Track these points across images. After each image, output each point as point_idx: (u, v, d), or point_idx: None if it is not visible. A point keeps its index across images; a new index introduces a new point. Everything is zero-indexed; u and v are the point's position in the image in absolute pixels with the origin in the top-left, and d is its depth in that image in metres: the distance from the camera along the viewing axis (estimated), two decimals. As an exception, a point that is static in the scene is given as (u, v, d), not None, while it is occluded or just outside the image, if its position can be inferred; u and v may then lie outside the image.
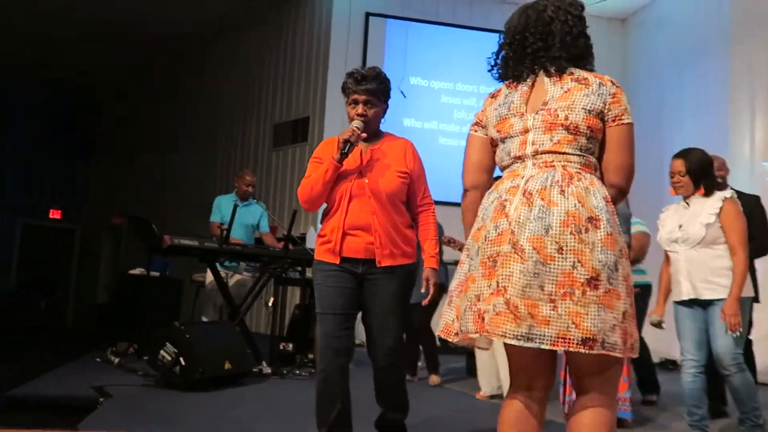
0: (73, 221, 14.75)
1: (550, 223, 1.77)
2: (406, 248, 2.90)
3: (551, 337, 1.72)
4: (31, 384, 4.54)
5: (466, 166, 2.11)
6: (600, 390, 1.85)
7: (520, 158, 1.92)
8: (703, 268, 3.43)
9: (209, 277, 5.76)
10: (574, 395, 3.47)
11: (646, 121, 8.51)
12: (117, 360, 5.43)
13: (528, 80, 1.98)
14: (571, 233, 1.75)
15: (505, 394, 4.49)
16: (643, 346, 4.61)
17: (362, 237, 2.83)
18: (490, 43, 2.24)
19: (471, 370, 5.92)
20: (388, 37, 8.76)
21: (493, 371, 4.74)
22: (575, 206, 1.77)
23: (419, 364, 5.72)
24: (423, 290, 2.89)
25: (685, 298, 3.48)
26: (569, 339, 1.71)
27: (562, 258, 1.74)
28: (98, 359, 5.60)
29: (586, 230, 1.76)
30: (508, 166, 1.96)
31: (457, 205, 2.20)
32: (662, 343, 5.87)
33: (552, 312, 1.72)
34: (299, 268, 6.06)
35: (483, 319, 1.80)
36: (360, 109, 2.89)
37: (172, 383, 4.44)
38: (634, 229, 4.62)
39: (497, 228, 1.84)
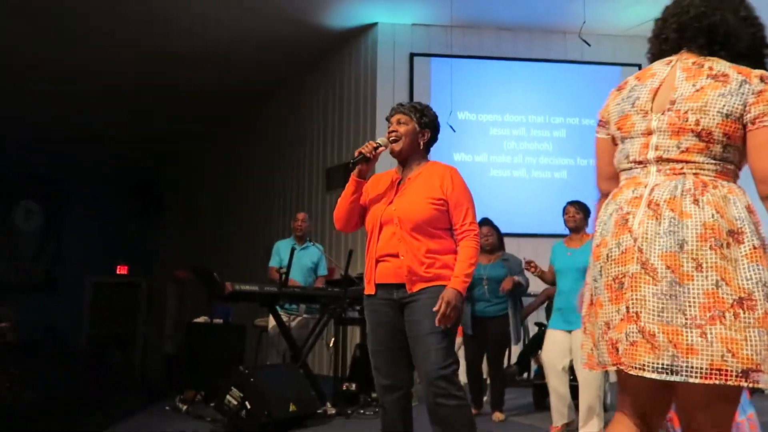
0: (140, 275, 15.23)
1: (684, 237, 1.53)
2: (444, 272, 2.74)
3: (702, 369, 1.47)
4: (104, 434, 4.66)
5: (598, 172, 1.91)
6: (712, 426, 1.57)
7: (640, 163, 1.69)
8: None
9: (271, 321, 5.84)
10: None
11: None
12: (185, 407, 5.51)
13: (661, 74, 1.73)
14: (710, 248, 1.51)
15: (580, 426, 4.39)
16: None
17: (392, 263, 2.77)
18: (536, 72, 2.20)
19: (539, 404, 5.79)
20: (433, 75, 8.86)
21: (566, 401, 4.62)
22: (713, 217, 1.53)
23: (484, 398, 5.62)
24: (435, 308, 2.64)
25: None
26: (726, 371, 1.46)
27: (702, 276, 1.50)
28: (167, 408, 5.70)
29: (728, 245, 1.51)
30: (626, 170, 1.74)
31: (513, 235, 2.17)
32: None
33: (699, 339, 1.48)
34: (358, 307, 6.07)
35: (617, 349, 1.59)
36: (392, 127, 2.91)
37: (239, 427, 4.49)
38: None
39: (620, 245, 1.62)
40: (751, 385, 1.47)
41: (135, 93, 11.27)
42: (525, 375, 7.13)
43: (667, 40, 1.77)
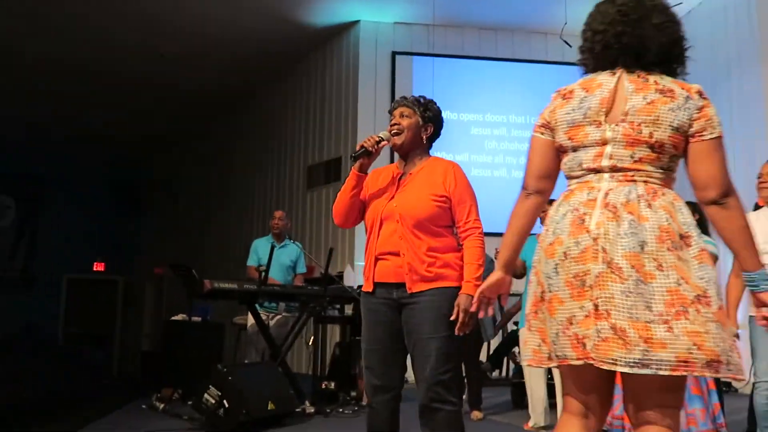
0: (117, 272, 15.08)
1: (644, 239, 1.64)
2: (445, 272, 2.66)
3: (671, 361, 1.57)
4: (80, 433, 4.60)
5: (528, 170, 1.94)
6: (665, 407, 1.68)
7: (594, 170, 1.78)
8: None
9: (250, 319, 5.81)
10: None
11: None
12: (162, 406, 5.46)
13: (609, 84, 1.80)
14: (668, 249, 1.63)
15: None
16: None
17: (392, 261, 2.67)
18: (517, 73, 2.22)
19: (517, 402, 5.82)
20: (415, 74, 8.87)
21: (543, 402, 4.65)
22: (667, 221, 1.66)
23: (463, 397, 5.64)
24: (453, 317, 2.56)
25: None
26: (692, 362, 1.57)
27: (664, 275, 1.62)
28: (144, 406, 5.64)
29: (681, 247, 1.64)
30: (578, 177, 1.82)
31: (495, 234, 2.14)
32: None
33: (667, 334, 1.58)
34: (338, 306, 6.07)
35: (584, 345, 1.66)
36: (395, 119, 2.82)
37: (217, 426, 4.45)
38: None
39: (579, 244, 1.70)
40: (712, 375, 1.58)
41: (115, 90, 11.15)
42: (500, 373, 7.17)
43: (598, 56, 1.86)
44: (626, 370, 1.60)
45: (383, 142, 2.82)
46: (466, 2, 8.50)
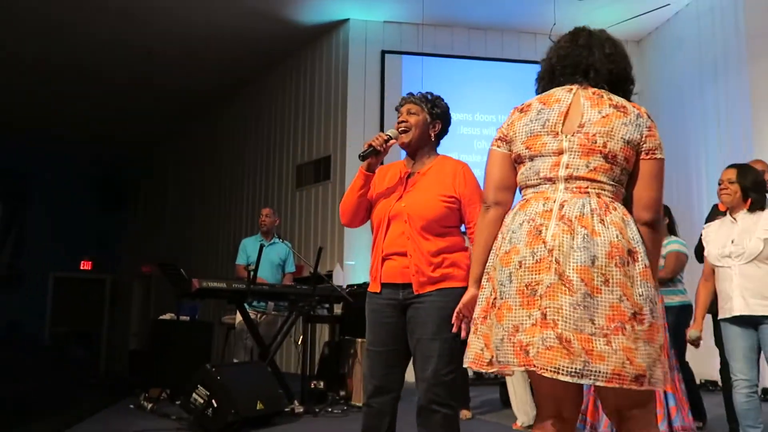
0: (104, 271, 15.00)
1: (595, 253, 1.70)
2: (452, 272, 2.62)
3: (606, 373, 1.65)
4: (67, 433, 4.57)
5: (487, 183, 2.00)
6: (639, 422, 1.80)
7: (550, 180, 1.83)
8: (758, 284, 3.35)
9: (239, 318, 5.80)
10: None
11: (671, 139, 8.48)
12: (150, 405, 5.43)
13: (566, 100, 1.89)
14: (616, 265, 1.70)
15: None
16: (688, 371, 4.51)
17: (399, 261, 2.64)
18: (506, 72, 2.26)
19: (505, 401, 5.84)
20: (404, 73, 8.87)
21: (527, 401, 4.67)
22: (618, 237, 1.72)
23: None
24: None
25: (736, 314, 3.38)
26: (624, 376, 1.65)
27: (609, 290, 1.68)
28: (132, 406, 5.61)
29: (628, 263, 1.71)
30: (534, 186, 1.87)
31: None
32: (701, 364, 5.74)
33: (606, 347, 1.66)
34: (327, 305, 6.06)
35: (527, 352, 1.71)
36: (402, 117, 2.77)
37: (206, 426, 4.43)
38: (669, 248, 4.57)
39: (534, 254, 1.75)
40: (637, 388, 1.67)
41: (102, 88, 11.07)
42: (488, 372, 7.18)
43: (555, 77, 1.98)
44: (567, 379, 1.66)
45: (392, 141, 2.77)
46: (456, 2, 8.52)
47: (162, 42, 9.36)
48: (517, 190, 2.00)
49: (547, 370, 1.67)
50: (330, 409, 5.38)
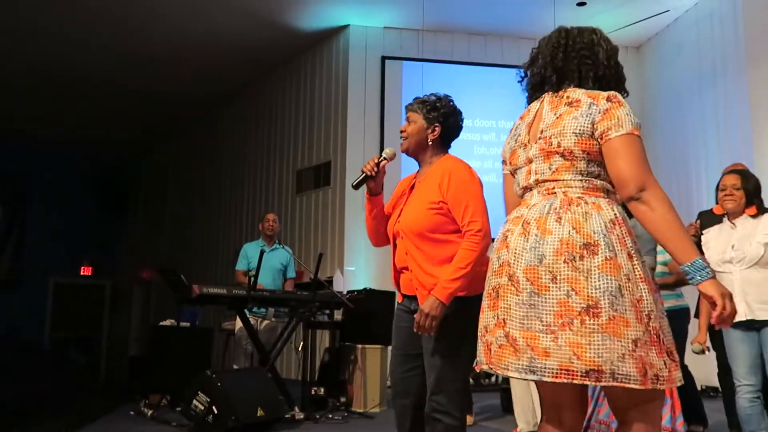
0: (104, 276, 14.98)
1: (543, 252, 1.74)
2: None
3: (553, 369, 1.67)
4: (67, 439, 4.56)
5: (505, 205, 2.10)
6: (640, 424, 1.77)
7: (527, 188, 1.92)
8: (760, 289, 3.36)
9: (239, 324, 5.79)
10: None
11: (671, 144, 8.50)
12: (150, 412, 5.43)
13: (534, 110, 1.97)
14: (564, 261, 1.71)
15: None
16: (687, 375, 4.47)
17: (407, 275, 2.68)
18: (506, 78, 2.31)
19: (506, 407, 5.83)
20: (404, 79, 8.89)
21: (528, 407, 4.66)
22: (569, 233, 1.73)
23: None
24: (416, 322, 2.51)
25: (740, 319, 3.37)
26: (572, 371, 1.66)
27: (557, 287, 1.70)
28: (132, 412, 5.60)
29: (581, 257, 1.70)
30: (520, 197, 1.97)
31: None
32: (702, 370, 5.73)
33: (551, 343, 1.68)
34: (327, 312, 6.05)
35: (491, 351, 1.81)
36: (403, 126, 2.78)
37: (206, 432, 4.43)
38: None
39: (499, 259, 1.85)
40: (593, 383, 1.64)
41: (103, 91, 11.09)
42: (492, 379, 7.18)
43: (532, 87, 2.03)
44: (516, 375, 1.72)
45: (383, 161, 2.74)
46: (456, 8, 8.53)
47: (162, 47, 9.37)
48: None
49: (499, 367, 1.76)
50: (330, 416, 5.38)
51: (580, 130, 1.81)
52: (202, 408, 4.46)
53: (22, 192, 14.75)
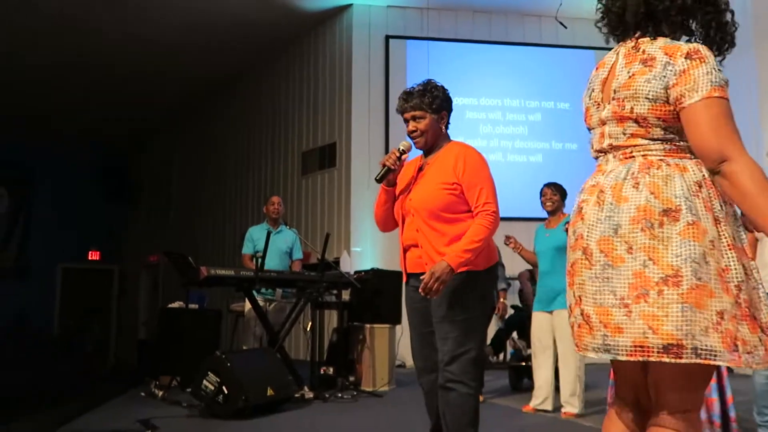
0: (112, 261, 15.04)
1: (619, 222, 1.59)
2: None
3: (626, 346, 1.53)
4: (80, 420, 4.61)
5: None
6: (677, 408, 1.57)
7: (601, 152, 1.76)
8: None
9: (247, 305, 5.81)
10: None
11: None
12: (161, 393, 5.47)
13: (609, 62, 1.77)
14: (641, 230, 1.56)
15: (565, 408, 4.42)
16: None
17: (414, 252, 2.78)
18: (511, 56, 2.21)
19: (515, 385, 5.85)
20: (409, 58, 8.83)
21: (549, 384, 4.66)
22: (646, 199, 1.57)
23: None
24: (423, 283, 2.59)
25: None
26: (647, 347, 1.50)
27: (632, 258, 1.56)
28: (143, 394, 5.65)
29: (660, 224, 1.55)
30: (595, 159, 1.81)
31: None
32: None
33: (624, 318, 1.53)
34: (335, 292, 6.06)
35: (574, 331, 1.71)
36: (410, 126, 2.83)
37: (216, 412, 4.46)
38: None
39: (575, 233, 1.72)
40: (673, 360, 1.48)
41: (107, 78, 11.05)
42: (500, 357, 7.20)
43: (609, 26, 1.81)
44: (593, 355, 1.61)
45: (405, 155, 2.85)
46: (460, -15, 8.45)
47: (164, 30, 9.32)
48: None
49: (580, 348, 1.65)
50: (340, 395, 5.40)
51: (653, 95, 1.62)
52: (213, 388, 4.49)
53: (28, 180, 14.78)
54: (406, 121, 2.85)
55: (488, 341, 6.33)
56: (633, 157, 1.65)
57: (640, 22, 1.71)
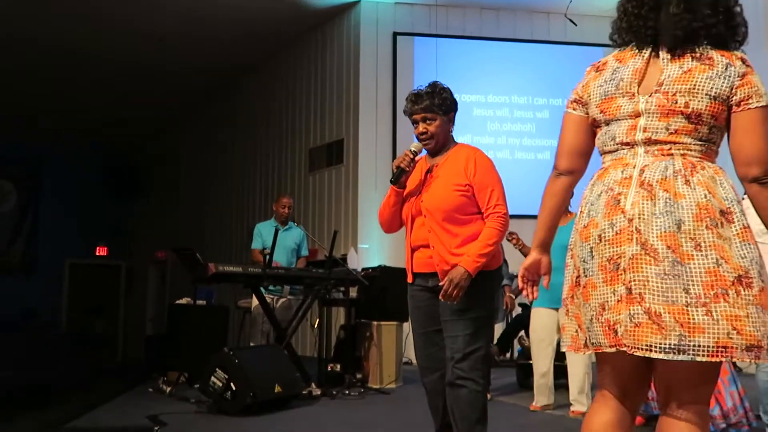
0: (119, 257, 15.09)
1: (681, 217, 1.55)
2: None
3: (708, 347, 1.50)
4: (88, 416, 4.62)
5: (560, 148, 1.87)
6: (693, 404, 1.60)
7: (628, 144, 1.69)
8: None
9: (255, 302, 5.82)
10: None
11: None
12: (169, 389, 5.49)
13: (645, 53, 1.72)
14: (707, 227, 1.54)
15: (574, 407, 4.42)
16: None
17: (424, 252, 2.81)
18: (519, 53, 2.17)
19: (522, 383, 5.84)
20: (416, 55, 8.80)
21: (548, 382, 4.66)
22: (706, 198, 1.56)
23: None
24: (442, 288, 2.65)
25: None
26: (731, 347, 1.50)
27: (702, 255, 1.53)
28: (150, 390, 5.66)
29: (721, 224, 1.55)
30: (611, 152, 1.74)
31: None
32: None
33: (705, 318, 1.51)
34: (342, 289, 6.07)
35: (615, 331, 1.60)
36: (420, 128, 2.85)
37: (224, 409, 4.47)
38: None
39: (614, 226, 1.63)
40: (755, 361, 1.51)
41: (113, 73, 11.05)
42: (507, 355, 7.19)
43: (635, 35, 1.75)
44: (662, 356, 1.54)
45: (419, 156, 2.90)
46: (468, -18, 8.42)
47: (172, 26, 9.32)
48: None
49: (638, 348, 1.56)
50: (347, 392, 5.41)
51: (716, 92, 1.61)
52: (221, 385, 4.50)
53: (36, 176, 14.83)
54: (415, 122, 2.87)
55: (495, 340, 6.32)
56: (671, 154, 1.63)
57: (679, 38, 1.67)
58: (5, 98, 11.92)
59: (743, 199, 1.65)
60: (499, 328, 6.57)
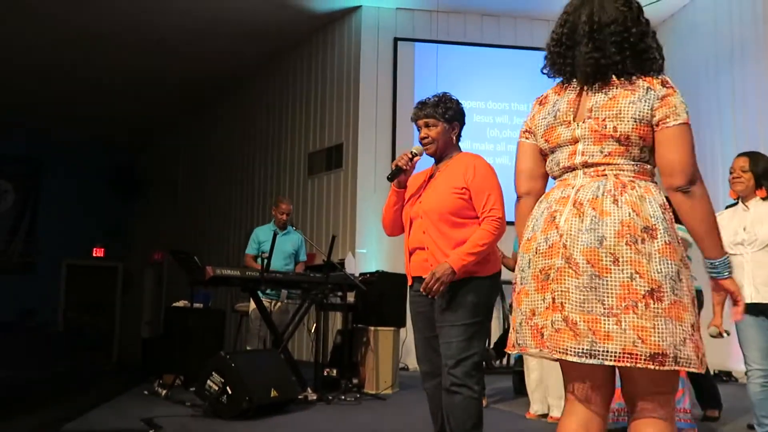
0: (116, 258, 15.07)
1: (603, 234, 1.70)
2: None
3: (615, 353, 1.66)
4: (83, 419, 4.61)
5: (517, 174, 2.04)
6: (658, 407, 1.76)
7: (569, 168, 1.86)
8: None
9: (252, 306, 5.81)
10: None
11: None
12: (164, 392, 5.47)
13: (574, 85, 1.89)
14: (626, 243, 1.69)
15: (552, 412, 4.42)
16: None
17: (420, 255, 2.85)
18: (519, 60, 2.23)
19: (519, 389, 5.83)
20: (417, 61, 8.81)
21: (542, 389, 4.66)
22: (629, 215, 1.71)
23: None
24: (426, 279, 2.70)
25: (748, 301, 3.31)
26: (636, 354, 1.65)
27: (619, 270, 1.68)
28: (146, 392, 5.65)
29: (642, 240, 1.69)
30: (558, 176, 1.91)
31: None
32: (716, 354, 5.70)
33: (615, 327, 1.66)
34: (340, 293, 6.06)
35: (542, 334, 1.77)
36: (422, 132, 2.93)
37: (220, 412, 4.46)
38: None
39: (547, 240, 1.79)
40: (657, 367, 1.65)
41: (114, 76, 11.07)
42: (501, 362, 7.18)
43: (561, 70, 1.94)
44: (575, 359, 1.69)
45: (417, 157, 2.95)
46: (469, -12, 8.44)
47: (173, 29, 9.34)
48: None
49: (557, 351, 1.72)
50: (343, 397, 5.40)
51: (639, 115, 1.77)
52: (216, 388, 4.49)
53: (34, 175, 14.82)
54: (419, 128, 2.95)
55: (491, 344, 6.32)
56: (605, 175, 1.79)
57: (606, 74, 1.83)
58: (4, 98, 11.93)
59: (719, 215, 1.73)
60: (495, 334, 6.58)
